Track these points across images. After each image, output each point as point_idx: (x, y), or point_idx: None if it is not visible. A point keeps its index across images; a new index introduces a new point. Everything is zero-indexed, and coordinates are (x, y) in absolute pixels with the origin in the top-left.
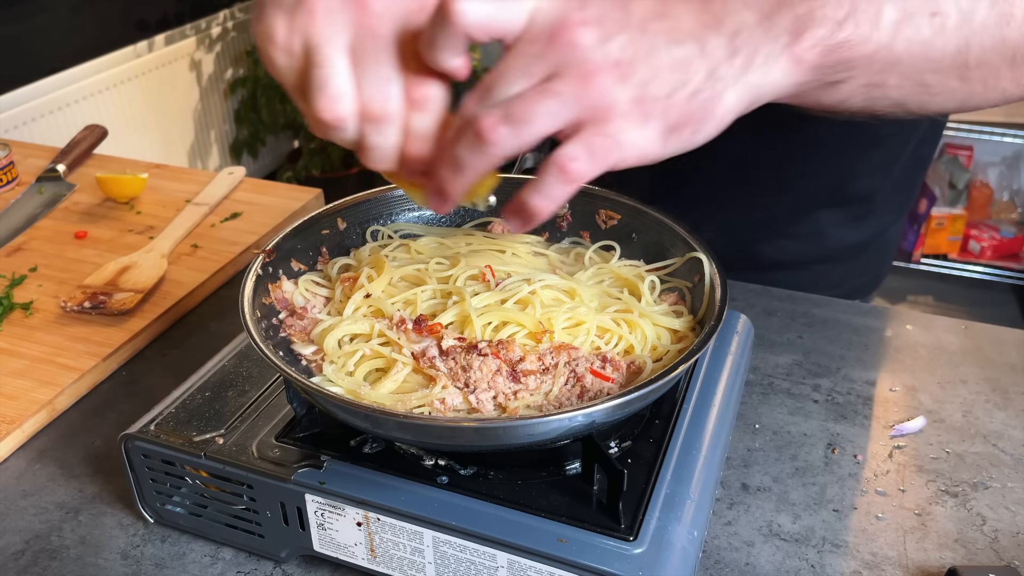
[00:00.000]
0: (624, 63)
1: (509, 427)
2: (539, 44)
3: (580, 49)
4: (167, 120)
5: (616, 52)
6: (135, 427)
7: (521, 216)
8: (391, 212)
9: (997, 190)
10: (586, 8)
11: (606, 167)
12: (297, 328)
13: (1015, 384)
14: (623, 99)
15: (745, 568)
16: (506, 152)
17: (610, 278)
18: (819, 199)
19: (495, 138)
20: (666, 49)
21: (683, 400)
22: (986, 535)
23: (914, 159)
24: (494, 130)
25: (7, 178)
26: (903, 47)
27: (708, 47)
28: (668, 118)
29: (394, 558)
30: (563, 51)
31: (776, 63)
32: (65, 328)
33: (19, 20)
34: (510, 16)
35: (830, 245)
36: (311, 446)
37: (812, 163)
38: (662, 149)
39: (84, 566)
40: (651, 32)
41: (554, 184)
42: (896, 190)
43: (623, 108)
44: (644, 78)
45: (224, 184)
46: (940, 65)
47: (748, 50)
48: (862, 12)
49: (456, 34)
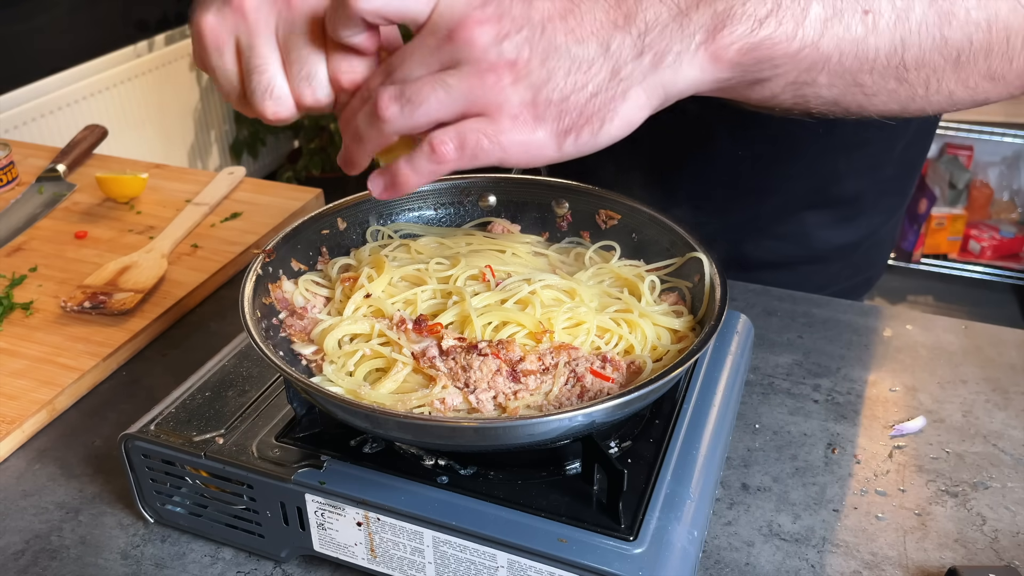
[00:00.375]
0: (520, 63)
1: (509, 427)
2: (438, 38)
3: (476, 47)
4: (167, 120)
5: (511, 52)
6: (135, 427)
7: (387, 179)
8: (391, 212)
9: (997, 190)
10: (487, 5)
11: (481, 162)
12: (297, 328)
13: (1015, 384)
14: (514, 100)
15: (745, 568)
16: (397, 129)
17: (610, 278)
18: (804, 200)
19: (387, 115)
20: (565, 49)
21: (683, 400)
22: (986, 535)
23: (903, 162)
24: (388, 108)
25: (7, 178)
26: (831, 45)
27: (612, 46)
28: (563, 121)
29: (394, 558)
30: (459, 48)
31: (691, 60)
32: (65, 328)
33: (19, 20)
34: (408, 7)
35: (817, 246)
36: (311, 446)
37: (796, 165)
38: (557, 151)
39: (84, 566)
40: (551, 32)
41: (423, 160)
42: (885, 192)
43: (513, 110)
44: (539, 80)
45: (224, 184)
46: (874, 65)
47: (658, 48)
48: (786, 9)
49: (351, 17)
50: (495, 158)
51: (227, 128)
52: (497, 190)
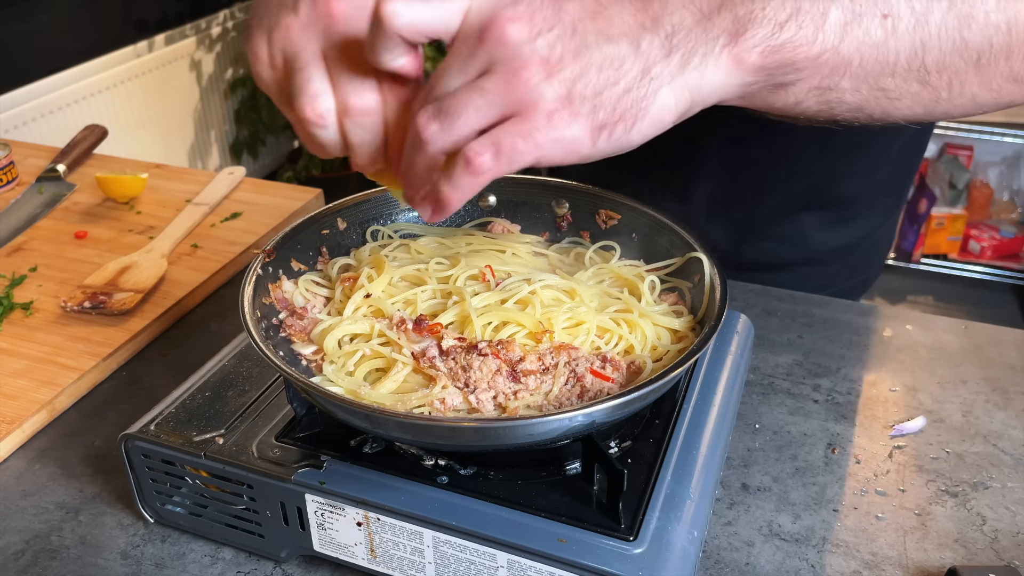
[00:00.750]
0: (552, 60)
1: (509, 427)
2: (471, 42)
3: (509, 45)
4: (167, 120)
5: (544, 48)
6: (135, 427)
7: (431, 203)
8: (391, 212)
9: (997, 190)
10: (517, 5)
11: (518, 165)
12: (297, 328)
13: (1015, 384)
14: (549, 96)
15: (745, 568)
16: (441, 148)
17: (610, 278)
18: (801, 202)
19: (427, 135)
20: (597, 47)
21: (683, 400)
22: (986, 535)
23: (899, 164)
24: (427, 127)
25: (7, 178)
26: (852, 49)
27: (643, 46)
28: (597, 116)
29: (394, 558)
30: (493, 47)
31: (716, 63)
32: (65, 328)
33: (19, 20)
34: (441, 17)
35: (813, 247)
36: (311, 446)
37: (793, 167)
38: (592, 147)
39: (84, 566)
40: (582, 31)
41: (461, 175)
42: (881, 194)
43: (548, 106)
44: (572, 75)
45: (224, 184)
46: (896, 68)
47: (685, 49)
48: (806, 13)
49: (390, 37)
50: (531, 158)
51: (227, 128)
52: (497, 190)
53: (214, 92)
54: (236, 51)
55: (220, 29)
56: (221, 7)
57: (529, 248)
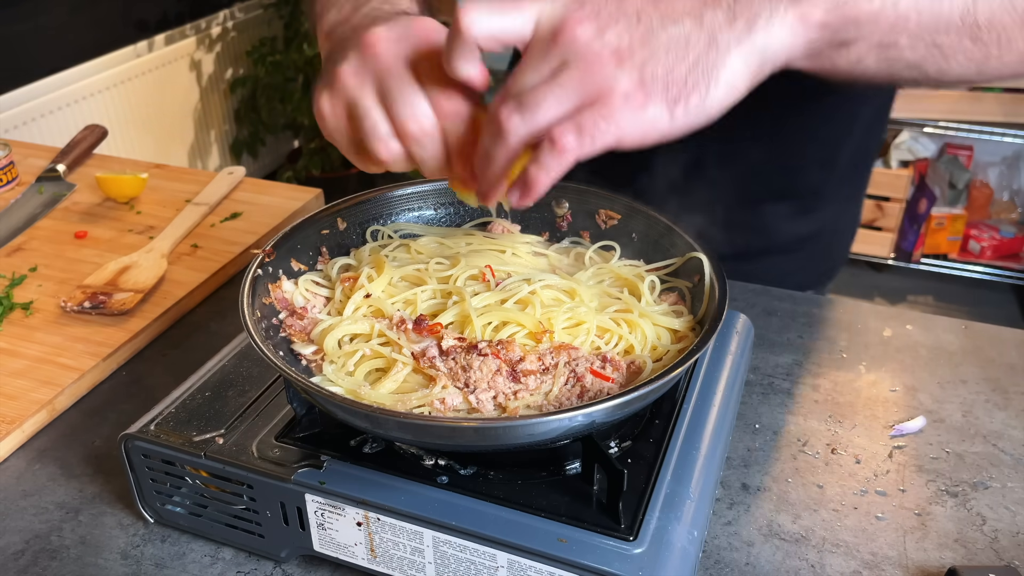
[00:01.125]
0: (622, 49)
1: (509, 427)
2: (545, 45)
3: (580, 43)
4: (167, 120)
5: (613, 41)
6: (135, 427)
7: (519, 187)
8: (391, 212)
9: (997, 190)
10: (583, 6)
11: (600, 145)
12: (297, 328)
13: (1015, 384)
14: (624, 82)
15: (745, 568)
16: (521, 137)
17: (610, 278)
18: (763, 192)
19: (509, 126)
20: (663, 29)
21: (683, 400)
22: (986, 535)
23: (860, 151)
24: (508, 119)
25: (7, 178)
26: (909, 5)
27: (706, 19)
28: (670, 92)
29: (394, 558)
30: (565, 47)
31: (781, 22)
32: (65, 328)
33: (19, 20)
34: (515, 25)
35: (777, 238)
36: (311, 446)
37: (754, 155)
38: (670, 123)
39: (84, 566)
40: (646, 19)
41: (546, 156)
42: (842, 182)
43: (624, 90)
44: (642, 59)
45: (224, 184)
46: (950, 24)
47: (748, 15)
48: None
49: (468, 45)
50: (612, 138)
51: (227, 128)
52: None
53: (214, 92)
54: (236, 51)
55: (220, 29)
56: (221, 7)
57: (529, 248)
